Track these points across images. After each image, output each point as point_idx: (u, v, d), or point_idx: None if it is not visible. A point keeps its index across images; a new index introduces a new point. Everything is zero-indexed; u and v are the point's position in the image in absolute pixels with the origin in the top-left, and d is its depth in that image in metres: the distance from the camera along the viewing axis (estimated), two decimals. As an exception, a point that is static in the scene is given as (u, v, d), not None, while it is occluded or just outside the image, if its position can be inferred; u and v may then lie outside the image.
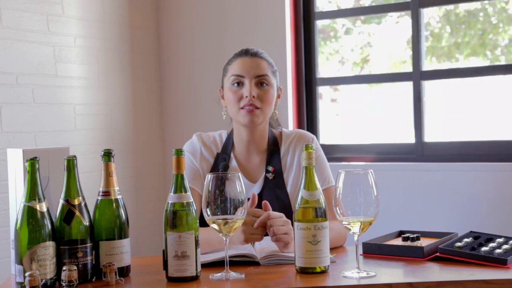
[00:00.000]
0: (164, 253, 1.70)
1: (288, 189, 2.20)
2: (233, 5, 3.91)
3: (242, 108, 2.16)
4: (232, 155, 2.25)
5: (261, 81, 2.18)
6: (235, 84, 2.19)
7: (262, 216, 1.88)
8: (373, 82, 3.99)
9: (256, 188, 2.20)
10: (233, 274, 1.71)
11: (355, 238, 1.72)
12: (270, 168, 2.22)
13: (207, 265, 1.81)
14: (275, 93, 2.23)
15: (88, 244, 1.73)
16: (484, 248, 1.82)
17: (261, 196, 2.18)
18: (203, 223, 1.86)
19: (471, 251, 1.81)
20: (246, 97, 2.15)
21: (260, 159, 2.25)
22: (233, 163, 2.24)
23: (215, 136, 2.30)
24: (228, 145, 2.26)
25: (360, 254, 1.91)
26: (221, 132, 2.31)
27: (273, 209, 2.04)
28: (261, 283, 1.66)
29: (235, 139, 2.26)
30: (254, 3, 3.84)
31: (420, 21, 3.52)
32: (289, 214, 1.93)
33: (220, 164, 2.21)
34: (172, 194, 1.71)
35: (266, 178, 2.21)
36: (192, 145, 2.27)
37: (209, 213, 1.70)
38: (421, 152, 3.50)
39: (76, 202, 1.73)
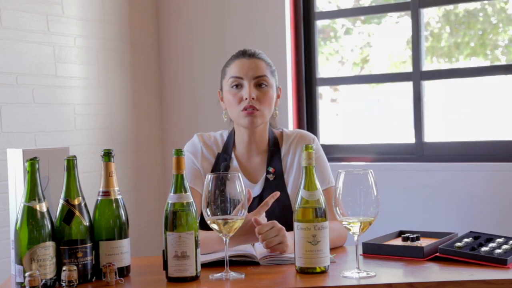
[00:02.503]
0: (164, 253, 1.70)
1: (289, 190, 2.20)
2: (233, 5, 3.91)
3: (242, 110, 2.16)
4: (233, 155, 2.25)
5: (260, 82, 2.17)
6: (234, 86, 2.18)
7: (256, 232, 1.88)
8: (373, 82, 3.99)
9: (257, 188, 2.20)
10: (233, 274, 1.71)
11: (355, 238, 1.72)
12: (271, 169, 2.22)
13: (207, 265, 1.81)
14: (274, 94, 2.22)
15: (88, 244, 1.73)
16: (484, 248, 1.82)
17: (261, 197, 2.17)
18: (203, 224, 1.86)
19: (471, 251, 1.81)
20: (246, 99, 2.15)
21: (261, 159, 2.25)
22: (234, 163, 2.23)
23: (216, 136, 2.29)
24: (229, 145, 2.26)
25: (360, 254, 1.91)
26: (222, 132, 2.31)
27: (274, 211, 2.04)
28: (261, 283, 1.66)
29: (236, 139, 2.26)
30: (254, 3, 3.84)
31: (420, 21, 3.52)
32: (289, 215, 1.92)
33: (221, 164, 2.21)
34: (172, 194, 1.71)
35: (266, 179, 2.21)
36: (193, 145, 2.26)
37: (209, 213, 1.70)
38: (421, 152, 3.50)
39: (76, 202, 1.73)
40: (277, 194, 1.97)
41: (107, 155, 1.78)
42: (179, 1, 4.08)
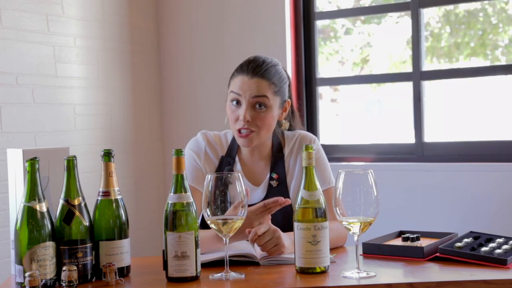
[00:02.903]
0: (164, 253, 1.70)
1: (291, 195, 2.18)
2: (233, 5, 3.91)
3: (237, 130, 2.12)
4: (237, 158, 2.23)
5: (258, 103, 2.11)
6: (234, 102, 2.14)
7: (250, 235, 1.85)
8: (373, 82, 3.99)
9: (259, 192, 2.19)
10: (233, 274, 1.71)
11: (355, 238, 1.72)
12: (274, 176, 2.20)
13: (207, 265, 1.81)
14: (275, 114, 2.15)
15: (88, 244, 1.73)
16: (484, 248, 1.82)
17: (264, 203, 2.17)
18: (204, 225, 1.86)
19: (471, 251, 1.81)
20: (241, 120, 2.11)
21: (264, 163, 2.23)
22: (238, 166, 2.21)
23: (221, 136, 2.26)
24: (233, 147, 2.23)
25: (360, 254, 1.91)
26: (226, 132, 2.28)
27: (275, 217, 2.02)
28: (261, 283, 1.66)
29: None
30: (254, 3, 3.84)
31: (420, 21, 3.52)
32: (289, 216, 1.92)
33: (225, 168, 2.19)
34: (172, 194, 1.71)
35: (270, 185, 2.19)
36: (196, 144, 2.23)
37: (209, 213, 1.70)
38: (421, 152, 3.50)
39: (76, 202, 1.73)
40: (286, 202, 1.88)
41: (107, 155, 1.78)
42: (179, 1, 4.08)
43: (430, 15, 3.99)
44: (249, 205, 1.82)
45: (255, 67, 2.12)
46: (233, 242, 1.92)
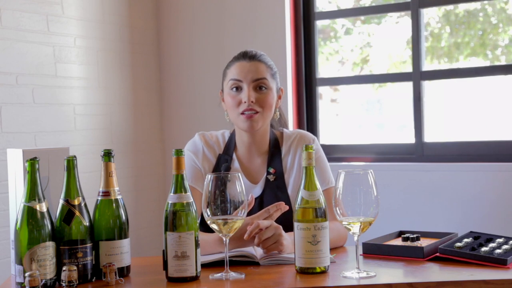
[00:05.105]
0: (164, 253, 1.70)
1: (289, 190, 2.19)
2: (233, 5, 3.91)
3: (241, 114, 2.15)
4: (234, 156, 2.24)
5: (259, 85, 2.16)
6: (234, 89, 2.17)
7: (252, 227, 1.85)
8: (373, 82, 3.99)
9: (257, 189, 2.20)
10: (233, 274, 1.71)
11: (355, 238, 1.72)
12: (271, 170, 2.21)
13: (207, 265, 1.81)
14: (274, 96, 2.21)
15: (88, 244, 1.73)
16: (484, 248, 1.82)
17: (262, 198, 2.17)
18: (204, 225, 1.86)
19: (471, 251, 1.81)
20: (245, 102, 2.14)
21: (261, 160, 2.24)
22: (235, 164, 2.23)
23: (218, 135, 2.29)
24: (230, 145, 2.25)
25: (360, 254, 1.91)
26: (224, 132, 2.30)
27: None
28: (261, 283, 1.66)
29: (237, 140, 2.25)
30: (254, 3, 3.84)
31: (420, 21, 3.52)
32: (290, 216, 1.92)
33: (222, 165, 2.20)
34: (172, 194, 1.71)
35: (267, 179, 2.20)
36: (194, 145, 2.26)
37: (209, 213, 1.70)
38: (421, 152, 3.50)
39: (76, 202, 1.73)
40: (285, 207, 1.93)
41: (107, 155, 1.78)
42: (179, 1, 4.08)
43: (430, 15, 3.99)
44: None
45: (250, 55, 2.20)
46: (232, 248, 1.91)
